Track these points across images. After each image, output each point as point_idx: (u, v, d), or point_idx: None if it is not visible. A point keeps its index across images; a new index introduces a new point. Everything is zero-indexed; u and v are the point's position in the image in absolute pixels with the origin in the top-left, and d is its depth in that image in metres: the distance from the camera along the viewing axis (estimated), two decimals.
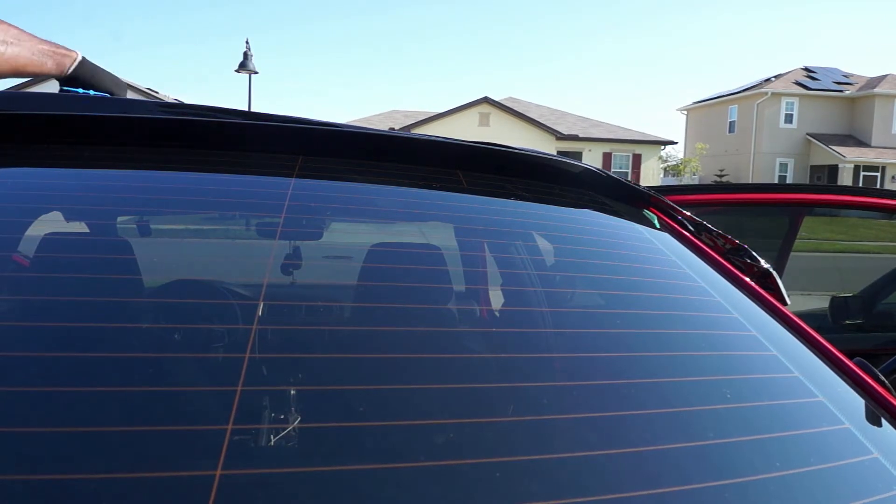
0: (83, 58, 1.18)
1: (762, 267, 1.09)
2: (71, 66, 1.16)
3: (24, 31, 1.08)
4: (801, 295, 3.79)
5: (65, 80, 1.17)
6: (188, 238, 0.95)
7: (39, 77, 1.16)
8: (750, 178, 30.37)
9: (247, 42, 13.87)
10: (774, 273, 1.09)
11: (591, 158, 25.25)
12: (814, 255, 5.19)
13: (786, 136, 30.51)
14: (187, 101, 1.21)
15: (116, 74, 1.27)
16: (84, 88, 1.19)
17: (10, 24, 1.06)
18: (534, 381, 0.73)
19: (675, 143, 29.27)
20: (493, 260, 1.18)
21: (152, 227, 0.98)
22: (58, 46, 1.14)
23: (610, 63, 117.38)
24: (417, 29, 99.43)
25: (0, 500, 0.48)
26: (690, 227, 1.17)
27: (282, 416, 0.59)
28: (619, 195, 1.19)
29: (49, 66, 1.12)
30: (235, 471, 0.53)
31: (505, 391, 0.71)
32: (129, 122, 0.92)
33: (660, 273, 0.99)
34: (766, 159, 30.56)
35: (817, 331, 0.91)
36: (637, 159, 26.94)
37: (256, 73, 13.98)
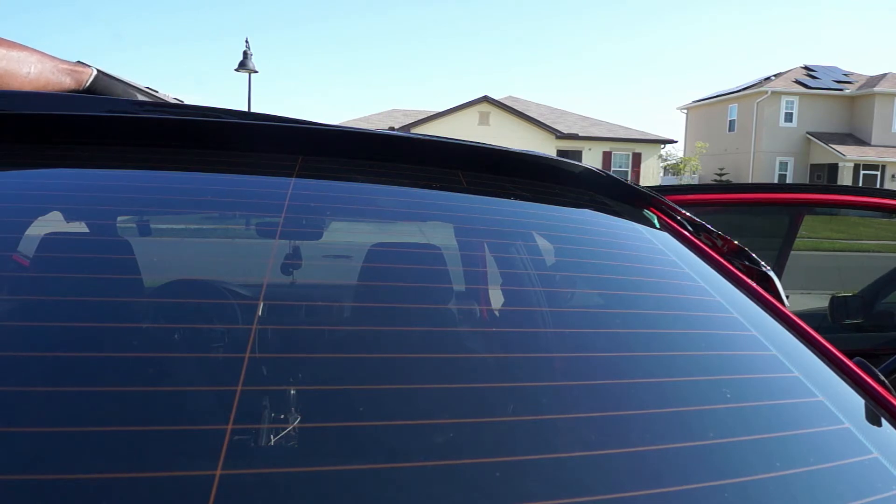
0: (98, 72, 1.27)
1: (762, 270, 1.09)
2: (87, 80, 1.25)
3: (44, 54, 1.17)
4: (801, 294, 3.79)
5: (82, 94, 1.25)
6: (188, 238, 0.95)
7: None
8: (750, 177, 30.36)
9: (246, 41, 13.90)
10: (774, 277, 1.09)
11: (591, 157, 25.25)
12: (814, 254, 5.19)
13: (786, 135, 30.50)
14: (187, 101, 1.22)
15: (118, 74, 1.29)
16: None
17: (31, 49, 1.15)
18: (534, 381, 0.73)
19: (675, 141, 29.26)
20: (493, 260, 1.18)
21: (152, 226, 0.97)
22: (75, 64, 1.23)
23: (610, 63, 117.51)
24: (417, 29, 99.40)
25: (0, 500, 0.48)
26: (690, 227, 1.17)
27: (282, 416, 0.59)
28: (618, 195, 1.19)
29: (68, 83, 1.21)
30: (235, 471, 0.53)
31: (505, 391, 0.71)
32: (129, 122, 0.92)
33: (660, 273, 0.99)
34: (766, 158, 30.55)
35: (817, 331, 0.91)
36: (637, 158, 26.93)
37: (256, 72, 13.99)
